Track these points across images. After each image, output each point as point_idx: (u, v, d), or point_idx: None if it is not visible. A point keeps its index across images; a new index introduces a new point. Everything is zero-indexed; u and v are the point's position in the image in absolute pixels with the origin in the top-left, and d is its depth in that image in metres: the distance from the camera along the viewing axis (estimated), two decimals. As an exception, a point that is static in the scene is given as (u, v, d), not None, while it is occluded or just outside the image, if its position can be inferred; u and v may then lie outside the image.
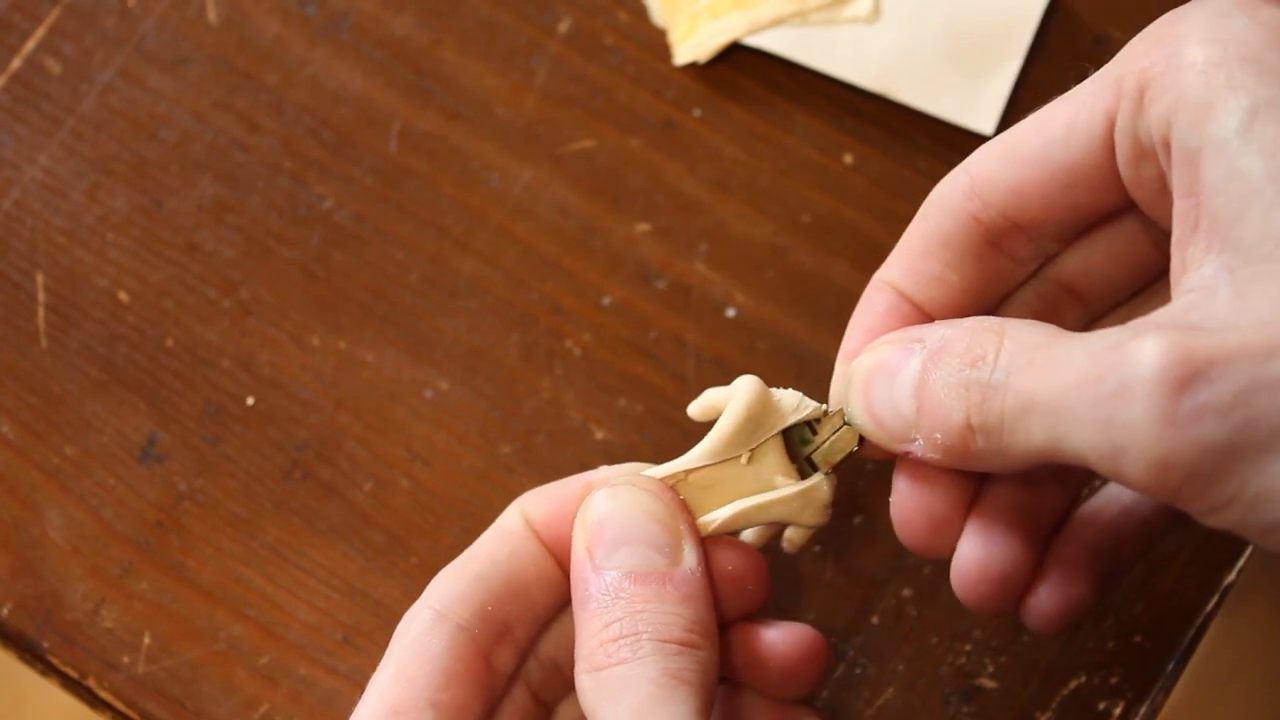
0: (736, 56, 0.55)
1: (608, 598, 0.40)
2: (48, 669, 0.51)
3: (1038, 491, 0.44)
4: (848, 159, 0.54)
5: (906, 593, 0.51)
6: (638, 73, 0.55)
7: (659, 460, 0.52)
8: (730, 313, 0.53)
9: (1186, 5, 0.39)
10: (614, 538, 0.41)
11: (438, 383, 0.53)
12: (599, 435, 0.52)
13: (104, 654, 0.50)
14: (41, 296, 0.53)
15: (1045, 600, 0.44)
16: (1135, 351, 0.35)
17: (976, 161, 0.42)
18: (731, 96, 0.55)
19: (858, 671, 0.50)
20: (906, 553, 0.51)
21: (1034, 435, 0.37)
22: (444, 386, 0.53)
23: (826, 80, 0.55)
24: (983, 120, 0.54)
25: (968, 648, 0.50)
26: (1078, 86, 0.41)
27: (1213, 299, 0.36)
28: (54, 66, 0.55)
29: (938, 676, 0.50)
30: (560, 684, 0.44)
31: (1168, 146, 0.38)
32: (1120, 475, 0.36)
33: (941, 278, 0.43)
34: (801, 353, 0.53)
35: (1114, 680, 0.50)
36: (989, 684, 0.50)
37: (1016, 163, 0.41)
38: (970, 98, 0.54)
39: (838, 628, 0.50)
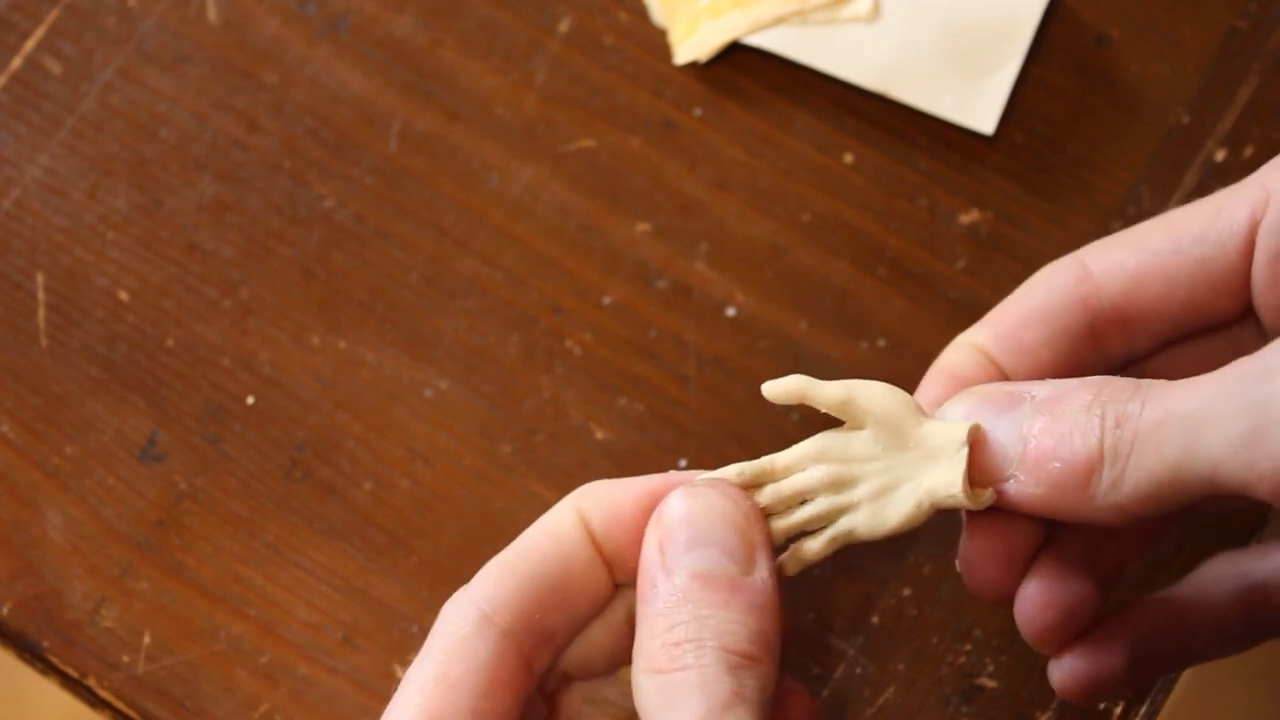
0: (736, 56, 0.55)
1: (674, 598, 0.39)
2: (48, 668, 0.51)
3: (1102, 546, 0.44)
4: (848, 159, 0.54)
5: (907, 592, 0.51)
6: (638, 73, 0.55)
7: (661, 459, 0.52)
8: (730, 312, 0.53)
9: None
10: (688, 539, 0.40)
11: (438, 382, 0.53)
12: (599, 435, 0.52)
13: (104, 653, 0.50)
14: (41, 296, 0.53)
15: (1075, 665, 0.44)
16: None
17: (1094, 250, 0.43)
18: (731, 96, 0.55)
19: (858, 671, 0.50)
20: (907, 551, 0.51)
21: (1165, 449, 0.37)
22: (444, 386, 0.53)
23: (826, 80, 0.55)
24: (983, 120, 0.54)
25: (968, 647, 0.50)
26: (1212, 195, 0.42)
27: None
28: (54, 66, 0.55)
29: (938, 676, 0.50)
30: (564, 682, 0.44)
31: None
32: (1258, 458, 0.36)
33: (1034, 351, 0.43)
34: (801, 352, 0.53)
35: (1114, 679, 0.50)
36: (989, 683, 0.50)
37: (1143, 252, 0.42)
38: (970, 98, 0.54)
39: (838, 627, 0.50)
